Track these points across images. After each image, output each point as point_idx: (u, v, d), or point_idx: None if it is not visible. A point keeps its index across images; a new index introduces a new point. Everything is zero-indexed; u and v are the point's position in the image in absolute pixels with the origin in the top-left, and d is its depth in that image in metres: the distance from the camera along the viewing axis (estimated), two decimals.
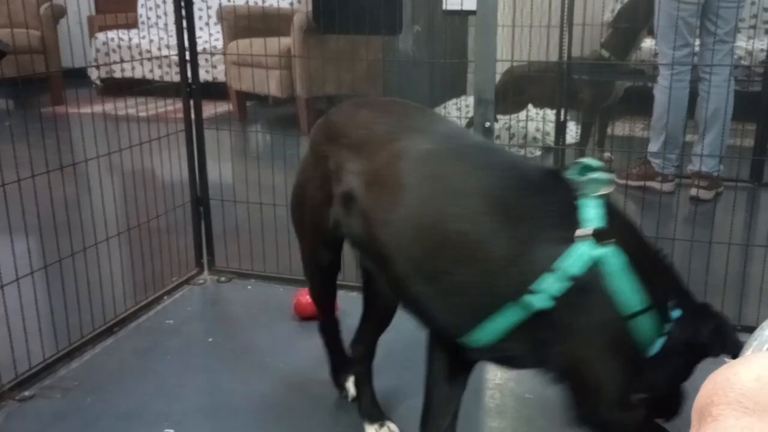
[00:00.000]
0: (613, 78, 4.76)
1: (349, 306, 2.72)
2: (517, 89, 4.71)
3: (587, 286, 1.35)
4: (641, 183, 3.81)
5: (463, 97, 5.04)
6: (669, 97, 3.71)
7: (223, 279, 3.00)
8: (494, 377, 2.30)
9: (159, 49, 6.33)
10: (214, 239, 3.05)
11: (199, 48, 3.02)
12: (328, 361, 2.19)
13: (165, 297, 2.82)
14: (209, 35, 6.60)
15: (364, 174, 1.58)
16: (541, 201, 1.42)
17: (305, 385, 2.27)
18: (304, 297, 2.66)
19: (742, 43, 5.07)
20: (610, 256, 1.35)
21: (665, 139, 3.85)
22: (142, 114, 2.96)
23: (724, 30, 3.77)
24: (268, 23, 5.83)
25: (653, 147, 3.97)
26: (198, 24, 6.21)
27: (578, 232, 1.35)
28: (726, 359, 0.39)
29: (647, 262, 1.42)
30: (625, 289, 1.35)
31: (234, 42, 5.91)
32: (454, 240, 1.42)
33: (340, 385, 2.20)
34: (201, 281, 2.99)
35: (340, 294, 2.77)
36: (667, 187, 4.00)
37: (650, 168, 4.04)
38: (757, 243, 2.71)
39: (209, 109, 3.27)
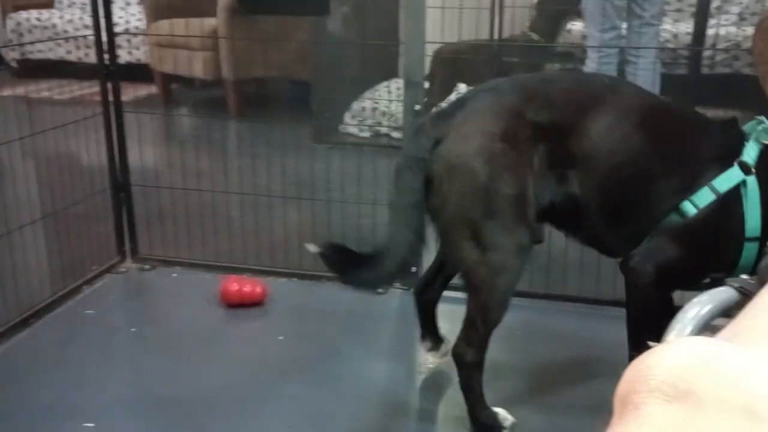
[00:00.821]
0: (543, 60, 4.79)
1: (278, 292, 2.68)
2: (447, 70, 4.69)
3: (727, 203, 1.69)
4: None
5: (394, 80, 5.00)
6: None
7: (146, 267, 2.91)
8: (425, 361, 2.29)
9: (77, 29, 6.11)
10: (137, 226, 2.95)
11: (120, 28, 2.91)
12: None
13: (85, 286, 2.71)
14: (130, 15, 6.41)
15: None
16: (718, 140, 1.78)
17: (232, 375, 2.22)
18: (231, 285, 2.59)
19: (668, 26, 5.16)
20: (752, 182, 1.68)
21: None
22: (60, 97, 2.84)
23: (651, 13, 3.82)
24: (192, 3, 5.69)
25: None
26: (118, 3, 6.03)
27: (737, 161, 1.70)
28: (651, 344, 0.38)
29: None
30: (753, 215, 1.68)
31: (156, 23, 5.75)
32: (649, 171, 1.79)
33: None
34: (123, 269, 2.88)
35: (269, 280, 2.74)
36: None
37: None
38: None
39: (131, 92, 3.16)
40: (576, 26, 5.25)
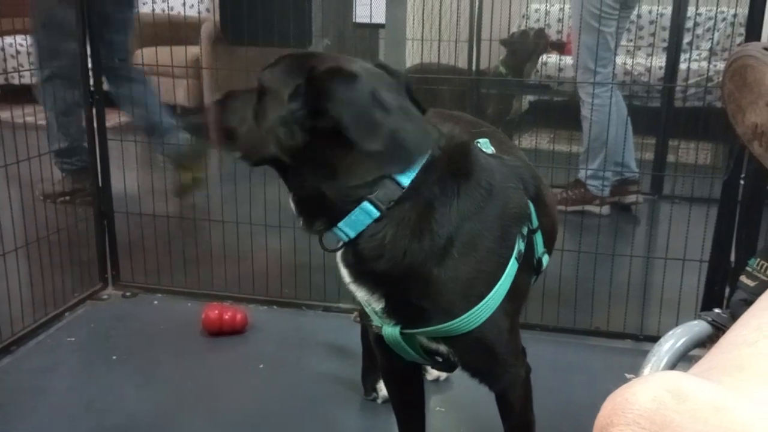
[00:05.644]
0: (517, 92, 4.88)
1: (259, 320, 2.69)
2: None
3: None
4: (579, 207, 3.69)
5: None
6: (607, 114, 3.47)
7: (128, 294, 2.91)
8: None
9: None
10: (119, 253, 2.96)
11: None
12: (363, 363, 2.23)
13: (66, 314, 2.71)
14: None
15: None
16: None
17: (213, 402, 2.22)
18: (213, 312, 2.60)
19: (641, 60, 5.27)
20: None
21: (605, 157, 3.56)
22: (43, 122, 2.85)
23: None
24: (175, 31, 5.70)
25: (592, 166, 3.76)
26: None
27: None
28: (628, 377, 0.40)
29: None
30: None
31: (139, 50, 5.76)
32: None
33: (370, 388, 2.25)
34: (105, 296, 2.89)
35: (250, 308, 2.75)
36: (606, 210, 3.84)
37: (587, 192, 3.85)
38: (658, 255, 2.79)
39: (113, 118, 3.17)
40: (552, 59, 5.34)
